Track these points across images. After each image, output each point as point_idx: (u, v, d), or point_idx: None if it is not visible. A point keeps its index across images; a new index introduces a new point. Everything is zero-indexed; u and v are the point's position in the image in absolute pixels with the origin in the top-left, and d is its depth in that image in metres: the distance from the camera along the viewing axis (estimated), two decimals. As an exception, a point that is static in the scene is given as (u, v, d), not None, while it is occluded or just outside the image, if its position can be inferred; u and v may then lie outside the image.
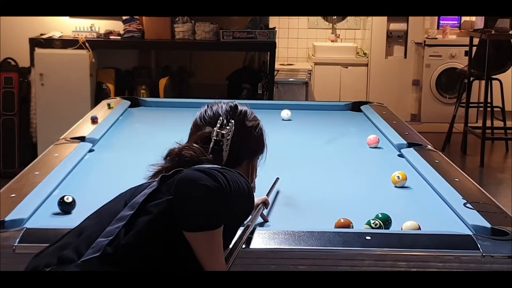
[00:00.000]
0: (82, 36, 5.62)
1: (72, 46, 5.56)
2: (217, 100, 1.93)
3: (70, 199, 2.09)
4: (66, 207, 2.08)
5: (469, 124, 6.86)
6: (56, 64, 5.53)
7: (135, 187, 1.75)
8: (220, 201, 1.51)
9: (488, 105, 6.67)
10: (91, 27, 5.75)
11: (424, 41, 7.56)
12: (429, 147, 2.96)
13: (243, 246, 1.76)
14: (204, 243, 1.52)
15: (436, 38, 7.66)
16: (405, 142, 3.00)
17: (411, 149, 2.87)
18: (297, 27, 7.72)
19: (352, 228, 1.95)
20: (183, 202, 1.51)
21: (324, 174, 2.67)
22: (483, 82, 6.77)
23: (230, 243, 1.70)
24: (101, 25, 5.83)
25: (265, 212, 2.11)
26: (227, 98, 5.06)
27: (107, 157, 2.83)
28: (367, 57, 7.59)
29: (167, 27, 5.79)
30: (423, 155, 2.76)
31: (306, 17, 7.75)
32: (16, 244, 1.77)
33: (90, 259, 1.52)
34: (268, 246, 1.80)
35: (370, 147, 3.05)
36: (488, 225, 1.94)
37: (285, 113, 3.71)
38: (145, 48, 6.10)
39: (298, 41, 7.74)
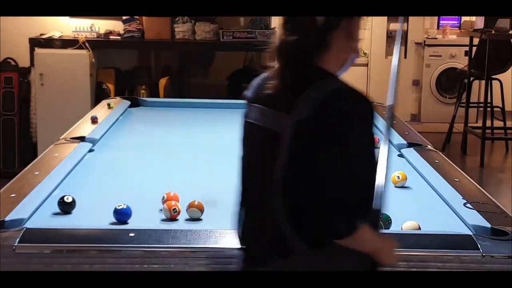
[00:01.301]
0: (82, 36, 5.62)
1: (72, 46, 5.56)
2: None
3: (70, 199, 2.09)
4: (66, 207, 2.08)
5: (469, 124, 6.86)
6: (56, 64, 5.53)
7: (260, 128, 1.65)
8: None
9: (488, 105, 6.67)
10: (91, 27, 5.75)
11: (424, 41, 7.56)
12: (429, 147, 2.95)
13: None
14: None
15: (436, 38, 7.66)
16: (405, 142, 3.00)
17: (411, 149, 2.87)
18: (297, 27, 7.71)
19: (352, 228, 1.95)
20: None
21: (324, 174, 2.67)
22: (483, 82, 6.77)
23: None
24: (101, 25, 5.83)
25: None
26: (227, 98, 5.07)
27: (107, 157, 2.83)
28: (367, 57, 7.58)
29: (167, 27, 5.79)
30: (423, 155, 2.76)
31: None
32: (16, 244, 1.77)
33: None
34: (268, 246, 1.80)
35: (370, 147, 3.05)
36: (488, 225, 1.94)
37: None
38: (145, 48, 6.09)
39: (298, 41, 7.74)
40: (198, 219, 2.03)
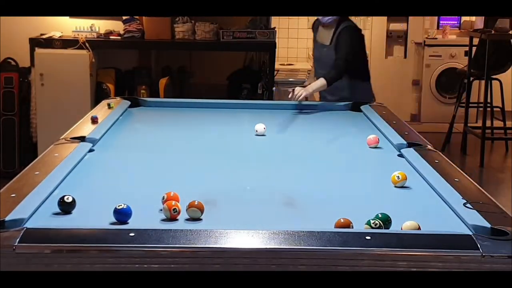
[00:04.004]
0: (82, 36, 5.62)
1: (72, 46, 5.56)
2: None
3: (70, 199, 2.09)
4: (66, 207, 2.08)
5: (469, 124, 6.86)
6: (56, 64, 5.53)
7: None
8: None
9: (488, 105, 6.67)
10: (91, 27, 5.76)
11: (424, 41, 7.57)
12: (429, 147, 2.95)
13: None
14: None
15: (436, 38, 7.66)
16: (405, 142, 3.00)
17: (411, 149, 2.87)
18: (297, 27, 7.72)
19: (352, 228, 1.95)
20: None
21: (324, 174, 2.67)
22: (483, 82, 6.78)
23: None
24: (101, 25, 5.83)
25: None
26: (227, 98, 5.08)
27: (107, 157, 2.83)
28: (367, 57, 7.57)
29: (167, 27, 5.79)
30: (423, 155, 2.76)
31: (306, 17, 7.75)
32: (16, 244, 1.77)
33: None
34: (268, 246, 1.80)
35: (370, 147, 3.05)
36: (488, 225, 1.94)
37: (260, 127, 3.28)
38: (145, 48, 6.10)
39: (298, 41, 7.75)
40: (198, 219, 2.03)
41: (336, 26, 4.24)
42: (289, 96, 3.73)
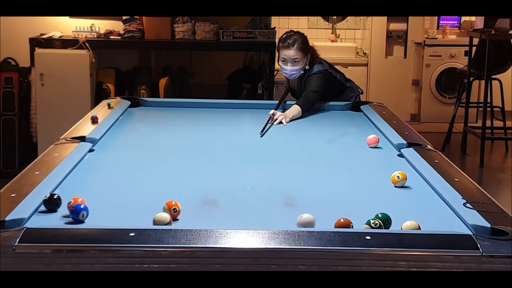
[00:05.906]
0: (82, 36, 5.62)
1: (72, 46, 5.56)
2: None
3: (55, 197, 2.06)
4: (51, 206, 2.06)
5: (469, 124, 6.86)
6: (56, 64, 5.53)
7: None
8: None
9: (488, 105, 6.67)
10: (91, 27, 5.76)
11: (424, 41, 7.57)
12: (429, 147, 2.95)
13: None
14: None
15: (436, 38, 7.66)
16: (405, 142, 3.00)
17: (411, 149, 2.87)
18: (297, 27, 7.72)
19: (352, 228, 1.95)
20: None
21: (324, 174, 2.67)
22: (483, 82, 6.78)
23: None
24: (101, 25, 5.83)
25: None
26: (227, 98, 5.08)
27: (107, 157, 2.83)
28: (367, 57, 7.59)
29: (167, 27, 5.79)
30: (423, 155, 2.76)
31: (306, 17, 7.76)
32: (16, 244, 1.77)
33: None
34: (268, 246, 1.80)
35: (370, 147, 3.05)
36: (488, 225, 1.94)
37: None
38: (145, 48, 6.10)
39: (298, 41, 7.74)
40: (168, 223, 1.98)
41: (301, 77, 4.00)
42: (269, 120, 3.50)
